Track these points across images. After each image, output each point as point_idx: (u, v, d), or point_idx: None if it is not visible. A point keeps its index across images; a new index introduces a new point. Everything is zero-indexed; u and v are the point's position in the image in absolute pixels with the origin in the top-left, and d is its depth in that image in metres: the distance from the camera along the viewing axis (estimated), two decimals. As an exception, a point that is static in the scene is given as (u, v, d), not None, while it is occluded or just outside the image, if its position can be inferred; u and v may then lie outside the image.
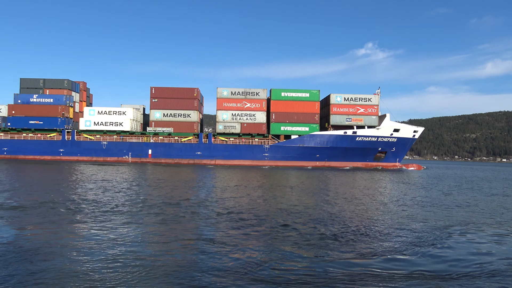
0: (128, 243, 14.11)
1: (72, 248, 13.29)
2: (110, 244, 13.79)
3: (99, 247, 13.45)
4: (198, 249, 13.57)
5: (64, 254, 12.58)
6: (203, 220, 18.83)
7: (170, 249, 13.47)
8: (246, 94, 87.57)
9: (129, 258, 12.21)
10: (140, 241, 14.52)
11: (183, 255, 12.81)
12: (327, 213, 21.68)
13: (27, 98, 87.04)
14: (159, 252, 13.02)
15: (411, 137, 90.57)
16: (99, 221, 17.80)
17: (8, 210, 20.25)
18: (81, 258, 12.12)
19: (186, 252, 13.21)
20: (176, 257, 12.53)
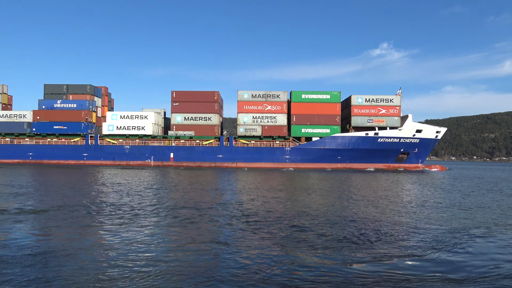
0: (147, 245, 14.37)
1: (94, 250, 13.65)
2: (129, 246, 14.09)
3: (120, 248, 13.82)
4: (216, 252, 13.68)
5: (88, 256, 12.94)
6: (223, 223, 18.93)
7: (188, 252, 13.60)
8: (267, 97, 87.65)
9: (146, 260, 12.48)
10: (158, 243, 14.75)
11: (202, 258, 12.92)
12: (350, 216, 21.39)
13: (51, 103, 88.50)
14: (177, 255, 13.20)
15: (434, 137, 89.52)
16: (124, 224, 18.29)
17: (33, 213, 20.76)
18: (101, 260, 12.44)
19: (205, 255, 13.30)
20: (193, 260, 12.65)
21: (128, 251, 13.55)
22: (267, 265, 12.17)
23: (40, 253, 13.13)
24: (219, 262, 12.58)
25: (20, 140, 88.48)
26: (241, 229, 17.54)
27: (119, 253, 13.28)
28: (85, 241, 15.02)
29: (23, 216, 19.92)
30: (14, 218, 19.39)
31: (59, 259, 12.49)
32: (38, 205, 23.51)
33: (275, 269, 11.87)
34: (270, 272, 11.62)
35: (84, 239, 15.34)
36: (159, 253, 13.44)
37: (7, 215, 20.05)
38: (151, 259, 12.66)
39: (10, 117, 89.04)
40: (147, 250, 13.79)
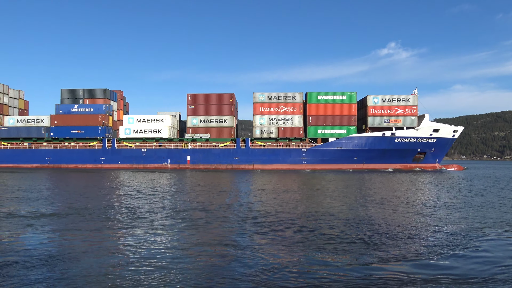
0: (160, 247, 14.54)
1: (112, 252, 13.90)
2: (145, 249, 14.29)
3: (137, 251, 14.09)
4: (231, 254, 13.76)
5: (105, 258, 13.22)
6: (241, 225, 19.02)
7: (202, 254, 13.70)
8: (283, 98, 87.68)
9: (160, 262, 12.66)
10: (173, 245, 14.90)
11: (218, 260, 13.01)
12: (369, 217, 21.17)
13: (68, 108, 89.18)
14: (192, 257, 13.32)
15: (451, 137, 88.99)
16: (143, 226, 18.56)
17: (55, 217, 21.15)
18: (118, 262, 12.68)
19: (221, 257, 13.36)
20: (209, 263, 12.77)
21: (148, 253, 13.75)
22: (283, 267, 12.26)
23: (59, 255, 13.46)
24: (234, 263, 12.72)
25: (38, 145, 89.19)
26: (261, 232, 17.55)
27: (135, 256, 13.49)
28: (104, 242, 15.36)
29: (51, 219, 20.28)
30: (41, 221, 19.80)
31: (77, 261, 12.82)
32: (62, 209, 23.92)
33: (292, 270, 11.95)
34: (285, 273, 11.69)
35: (104, 241, 15.70)
36: (175, 254, 13.63)
37: (35, 219, 20.37)
38: (166, 261, 12.83)
39: (28, 122, 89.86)
40: (163, 251, 14.04)
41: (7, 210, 23.43)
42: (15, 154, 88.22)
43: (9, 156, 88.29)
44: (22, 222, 19.36)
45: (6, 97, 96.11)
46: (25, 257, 13.04)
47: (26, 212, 22.48)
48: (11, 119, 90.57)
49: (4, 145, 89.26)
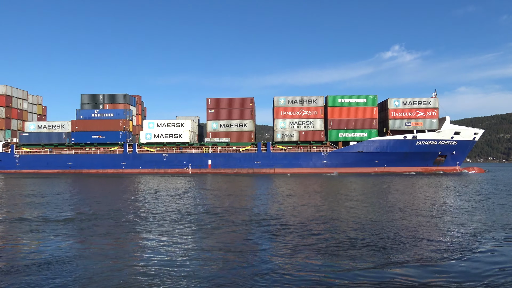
0: (180, 251, 14.74)
1: (133, 256, 14.27)
2: (166, 253, 14.46)
3: (159, 253, 14.42)
4: (252, 259, 13.82)
5: (127, 261, 13.58)
6: (260, 228, 19.10)
7: (220, 259, 13.76)
8: (303, 102, 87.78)
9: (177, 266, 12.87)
10: (192, 249, 15.05)
11: (238, 265, 13.08)
12: (393, 222, 20.87)
13: (88, 113, 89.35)
14: (210, 262, 13.45)
15: (472, 139, 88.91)
16: (165, 230, 18.79)
17: (78, 221, 21.54)
18: (139, 265, 13.03)
19: (243, 262, 13.44)
20: (228, 266, 12.93)
21: (172, 258, 13.90)
22: (300, 271, 12.35)
23: (84, 258, 13.84)
24: (252, 266, 12.94)
25: (59, 150, 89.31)
26: (281, 234, 17.70)
27: (160, 260, 13.70)
28: (127, 246, 15.74)
29: (85, 223, 20.67)
30: (73, 226, 20.16)
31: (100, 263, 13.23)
32: (89, 213, 24.36)
33: (309, 275, 12.02)
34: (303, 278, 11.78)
35: (126, 244, 16.12)
36: (193, 258, 13.85)
37: (60, 223, 20.78)
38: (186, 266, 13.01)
39: (48, 127, 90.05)
40: (181, 255, 14.27)
41: (31, 214, 23.80)
42: (37, 160, 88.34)
43: (30, 161, 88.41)
44: (54, 227, 19.71)
45: (25, 103, 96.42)
46: (57, 260, 13.53)
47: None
48: (31, 124, 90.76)
49: (25, 150, 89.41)
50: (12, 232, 18.49)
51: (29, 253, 14.46)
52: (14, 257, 13.97)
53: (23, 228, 19.42)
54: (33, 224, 20.40)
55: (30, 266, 12.83)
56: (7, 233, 18.41)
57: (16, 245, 16.10)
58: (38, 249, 15.12)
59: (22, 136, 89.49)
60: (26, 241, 16.58)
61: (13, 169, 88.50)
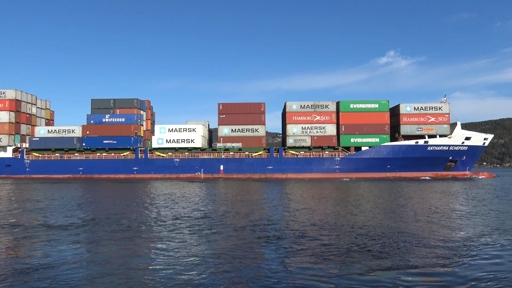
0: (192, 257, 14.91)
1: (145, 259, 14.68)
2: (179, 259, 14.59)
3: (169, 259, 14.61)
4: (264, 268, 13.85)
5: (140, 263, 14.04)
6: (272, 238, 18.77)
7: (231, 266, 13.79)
8: (315, 107, 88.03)
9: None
10: (203, 255, 15.11)
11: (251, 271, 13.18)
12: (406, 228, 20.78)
13: (99, 118, 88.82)
14: (220, 266, 13.66)
15: (481, 144, 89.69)
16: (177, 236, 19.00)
17: (91, 226, 21.79)
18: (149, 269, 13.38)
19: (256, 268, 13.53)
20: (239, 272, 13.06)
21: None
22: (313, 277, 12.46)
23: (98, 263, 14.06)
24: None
25: (70, 155, 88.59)
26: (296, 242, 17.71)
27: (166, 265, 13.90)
28: (138, 251, 15.92)
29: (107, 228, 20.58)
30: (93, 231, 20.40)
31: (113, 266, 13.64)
32: (103, 217, 24.77)
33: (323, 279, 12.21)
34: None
35: (137, 248, 16.40)
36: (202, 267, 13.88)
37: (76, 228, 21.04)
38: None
39: (59, 132, 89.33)
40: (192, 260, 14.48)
41: (47, 219, 24.06)
42: (47, 165, 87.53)
43: (40, 166, 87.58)
44: (66, 233, 19.91)
45: (34, 108, 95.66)
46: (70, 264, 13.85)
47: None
48: (41, 129, 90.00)
49: (35, 155, 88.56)
50: (24, 238, 18.60)
51: (43, 257, 14.73)
52: (26, 262, 14.21)
53: (37, 234, 19.53)
54: (49, 230, 20.51)
55: (43, 269, 13.16)
56: (19, 239, 18.48)
57: (30, 250, 16.31)
58: (50, 254, 15.28)
59: (32, 141, 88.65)
60: (40, 246, 16.79)
61: (23, 174, 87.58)
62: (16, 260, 14.47)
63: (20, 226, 21.50)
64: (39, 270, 13.04)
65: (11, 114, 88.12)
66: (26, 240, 18.11)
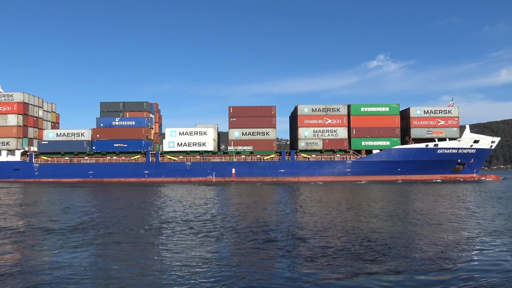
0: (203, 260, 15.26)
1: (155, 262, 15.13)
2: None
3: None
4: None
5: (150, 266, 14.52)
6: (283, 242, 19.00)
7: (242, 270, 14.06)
8: (327, 111, 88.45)
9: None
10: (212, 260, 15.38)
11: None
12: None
13: (109, 121, 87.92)
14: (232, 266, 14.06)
15: (489, 147, 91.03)
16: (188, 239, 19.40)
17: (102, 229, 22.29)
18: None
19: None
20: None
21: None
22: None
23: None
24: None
25: (80, 159, 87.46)
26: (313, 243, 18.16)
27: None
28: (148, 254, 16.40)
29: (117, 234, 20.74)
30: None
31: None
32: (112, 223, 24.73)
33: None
34: None
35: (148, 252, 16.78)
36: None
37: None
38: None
39: (68, 136, 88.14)
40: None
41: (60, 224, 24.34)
42: (56, 169, 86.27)
43: (50, 170, 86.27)
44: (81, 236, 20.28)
45: (41, 111, 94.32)
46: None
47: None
48: (50, 132, 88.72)
49: (44, 159, 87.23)
50: (35, 241, 18.90)
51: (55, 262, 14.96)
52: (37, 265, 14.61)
53: (49, 237, 19.87)
54: (66, 234, 20.82)
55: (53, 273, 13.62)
56: (30, 242, 18.76)
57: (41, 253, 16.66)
58: (62, 259, 15.50)
59: (42, 144, 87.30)
60: (53, 250, 17.02)
61: (32, 178, 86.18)
62: (32, 263, 14.85)
63: (29, 231, 21.77)
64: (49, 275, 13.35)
65: (19, 117, 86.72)
66: (47, 242, 18.53)
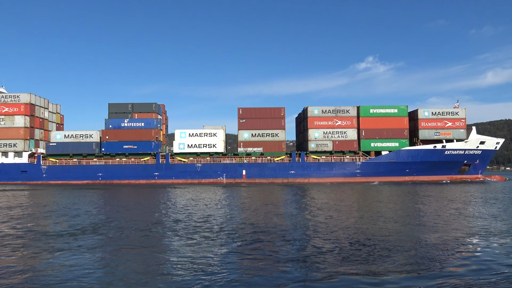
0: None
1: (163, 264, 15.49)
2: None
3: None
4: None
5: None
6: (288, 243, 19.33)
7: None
8: (337, 112, 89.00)
9: None
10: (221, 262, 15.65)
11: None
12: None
13: (118, 123, 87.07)
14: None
15: (494, 149, 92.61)
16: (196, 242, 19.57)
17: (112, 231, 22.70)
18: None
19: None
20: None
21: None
22: None
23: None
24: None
25: (89, 161, 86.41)
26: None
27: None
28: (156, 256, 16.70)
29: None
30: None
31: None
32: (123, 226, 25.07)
33: None
34: None
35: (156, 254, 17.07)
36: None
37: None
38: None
39: (76, 137, 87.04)
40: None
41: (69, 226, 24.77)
42: (65, 171, 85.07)
43: (58, 172, 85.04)
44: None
45: (46, 112, 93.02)
46: None
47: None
48: (58, 134, 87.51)
49: (52, 161, 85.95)
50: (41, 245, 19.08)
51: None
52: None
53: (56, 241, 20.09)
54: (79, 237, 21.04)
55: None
56: (40, 245, 18.92)
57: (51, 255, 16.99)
58: (73, 262, 15.79)
59: (50, 146, 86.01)
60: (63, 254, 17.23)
61: (40, 180, 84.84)
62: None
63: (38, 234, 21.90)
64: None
65: (26, 119, 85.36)
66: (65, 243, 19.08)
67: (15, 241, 20.03)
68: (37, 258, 16.49)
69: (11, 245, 19.02)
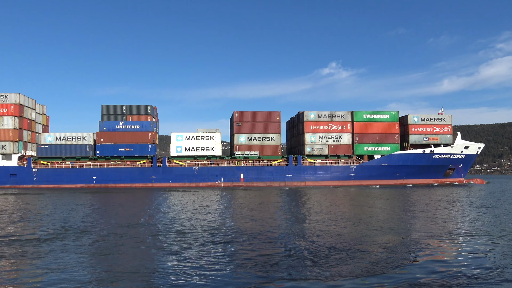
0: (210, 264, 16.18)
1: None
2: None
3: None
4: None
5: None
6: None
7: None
8: (332, 117, 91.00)
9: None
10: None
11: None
12: None
13: (112, 125, 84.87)
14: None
15: (475, 153, 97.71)
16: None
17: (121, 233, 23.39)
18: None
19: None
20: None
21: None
22: None
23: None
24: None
25: (83, 164, 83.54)
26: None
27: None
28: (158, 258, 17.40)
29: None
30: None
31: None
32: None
33: None
34: None
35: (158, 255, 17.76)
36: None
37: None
38: None
39: (68, 139, 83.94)
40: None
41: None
42: (57, 174, 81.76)
43: (50, 175, 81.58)
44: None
45: (33, 113, 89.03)
46: None
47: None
48: (49, 136, 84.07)
49: (43, 164, 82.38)
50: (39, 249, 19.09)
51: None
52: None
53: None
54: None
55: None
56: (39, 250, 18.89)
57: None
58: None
59: (41, 148, 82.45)
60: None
61: (30, 184, 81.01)
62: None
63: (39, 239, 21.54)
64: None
65: (15, 120, 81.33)
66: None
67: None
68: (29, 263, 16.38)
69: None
